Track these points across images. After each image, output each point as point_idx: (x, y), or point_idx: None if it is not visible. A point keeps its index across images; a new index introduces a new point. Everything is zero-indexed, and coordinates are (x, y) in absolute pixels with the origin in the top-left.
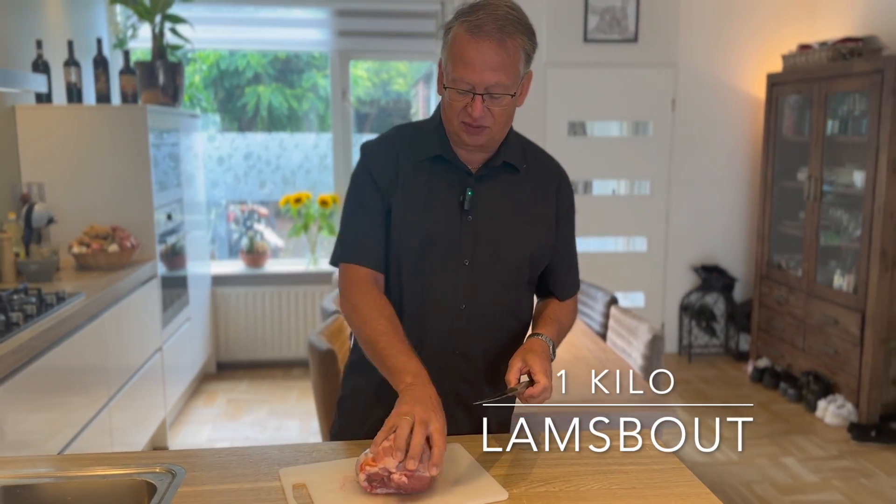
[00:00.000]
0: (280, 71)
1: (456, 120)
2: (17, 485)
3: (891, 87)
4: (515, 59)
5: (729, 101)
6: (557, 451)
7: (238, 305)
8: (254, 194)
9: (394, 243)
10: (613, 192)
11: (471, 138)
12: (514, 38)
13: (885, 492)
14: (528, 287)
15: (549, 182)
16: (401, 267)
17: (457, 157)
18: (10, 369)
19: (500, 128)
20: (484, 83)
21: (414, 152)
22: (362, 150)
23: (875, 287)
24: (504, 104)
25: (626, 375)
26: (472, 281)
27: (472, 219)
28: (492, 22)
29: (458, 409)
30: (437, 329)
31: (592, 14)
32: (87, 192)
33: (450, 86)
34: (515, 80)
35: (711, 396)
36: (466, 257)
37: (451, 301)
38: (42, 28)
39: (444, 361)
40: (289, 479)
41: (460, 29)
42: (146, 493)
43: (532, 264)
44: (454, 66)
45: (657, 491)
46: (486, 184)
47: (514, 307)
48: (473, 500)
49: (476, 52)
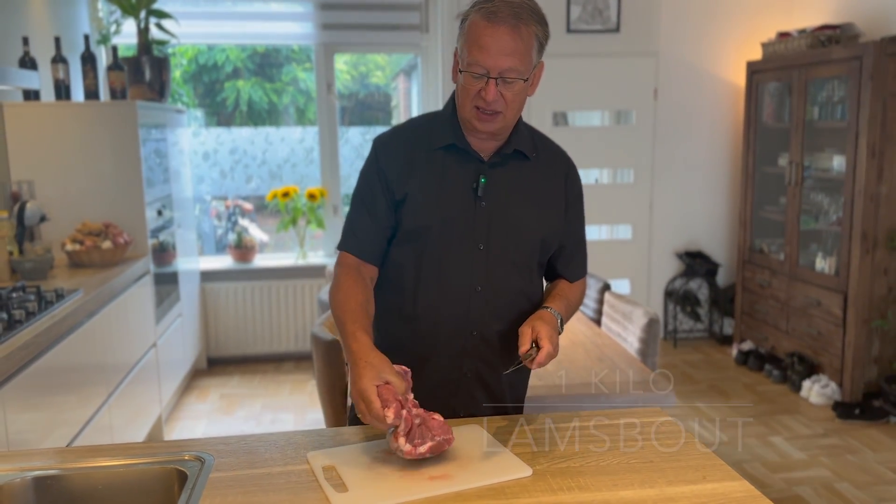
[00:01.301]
0: (259, 65)
1: (469, 104)
2: (48, 475)
3: (869, 73)
4: (529, 45)
5: (710, 89)
6: (574, 430)
7: (227, 301)
8: (240, 189)
9: (411, 227)
10: (597, 180)
11: (483, 125)
12: (529, 25)
13: (870, 466)
14: (538, 270)
15: (559, 169)
16: (418, 252)
17: (469, 145)
18: (15, 367)
19: (512, 114)
20: (498, 67)
21: (427, 141)
22: (374, 144)
23: (857, 268)
24: (516, 90)
25: (625, 361)
26: (486, 264)
27: (485, 205)
28: (507, 9)
29: (478, 389)
30: (454, 312)
31: (575, 4)
32: (77, 189)
33: (465, 70)
34: (528, 66)
35: (698, 380)
36: (481, 242)
37: (467, 284)
38: (27, 25)
39: (462, 343)
40: (317, 462)
41: (477, 16)
42: (176, 480)
43: (543, 248)
44: (470, 51)
45: (674, 464)
46: (498, 171)
47: (526, 289)
48: (498, 478)
49: (491, 37)
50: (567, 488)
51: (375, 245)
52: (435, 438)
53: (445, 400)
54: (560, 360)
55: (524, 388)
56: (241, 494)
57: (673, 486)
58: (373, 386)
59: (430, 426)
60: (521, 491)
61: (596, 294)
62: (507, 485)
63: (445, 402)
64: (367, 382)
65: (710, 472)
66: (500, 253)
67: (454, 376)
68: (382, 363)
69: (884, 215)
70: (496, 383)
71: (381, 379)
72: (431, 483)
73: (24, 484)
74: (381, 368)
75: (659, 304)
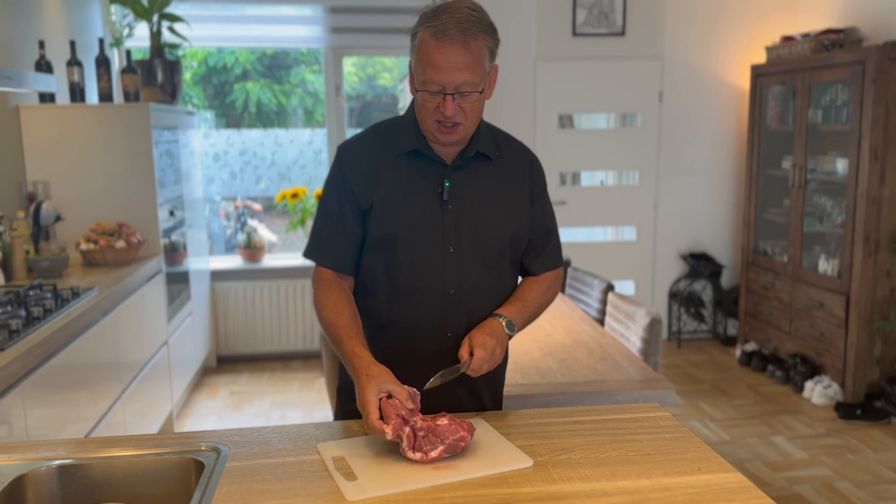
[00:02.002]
0: (268, 67)
1: (430, 119)
2: (71, 464)
3: (871, 77)
4: (480, 57)
5: (714, 92)
6: (576, 424)
7: (237, 300)
8: (250, 190)
9: (380, 235)
10: (602, 182)
11: (445, 137)
12: (477, 38)
13: (871, 466)
14: (511, 268)
15: (521, 166)
16: (389, 259)
17: (432, 150)
18: (34, 363)
19: (472, 122)
20: (453, 83)
21: (391, 148)
22: (338, 152)
23: (859, 270)
24: (473, 100)
25: (627, 360)
26: (458, 266)
27: (451, 208)
28: (454, 25)
29: (460, 387)
30: (429, 314)
31: (581, 8)
32: (91, 189)
33: (421, 88)
34: (482, 76)
35: (701, 380)
36: (451, 245)
37: (440, 287)
38: (43, 28)
39: (439, 345)
40: (327, 453)
41: (426, 34)
42: (194, 469)
43: (512, 245)
44: (424, 69)
45: (671, 456)
46: (462, 174)
47: (499, 288)
48: (501, 468)
49: (442, 55)
50: (567, 478)
51: (349, 257)
52: (445, 442)
53: (426, 400)
54: (564, 358)
55: (501, 385)
56: (256, 482)
57: (669, 476)
58: (374, 398)
59: (438, 432)
60: (523, 480)
61: (600, 294)
62: (510, 474)
63: (427, 402)
64: (369, 395)
65: (706, 465)
66: (471, 255)
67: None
68: (383, 374)
69: (886, 218)
70: (474, 382)
71: (384, 390)
72: (437, 472)
73: (49, 472)
74: (383, 379)
75: (663, 305)
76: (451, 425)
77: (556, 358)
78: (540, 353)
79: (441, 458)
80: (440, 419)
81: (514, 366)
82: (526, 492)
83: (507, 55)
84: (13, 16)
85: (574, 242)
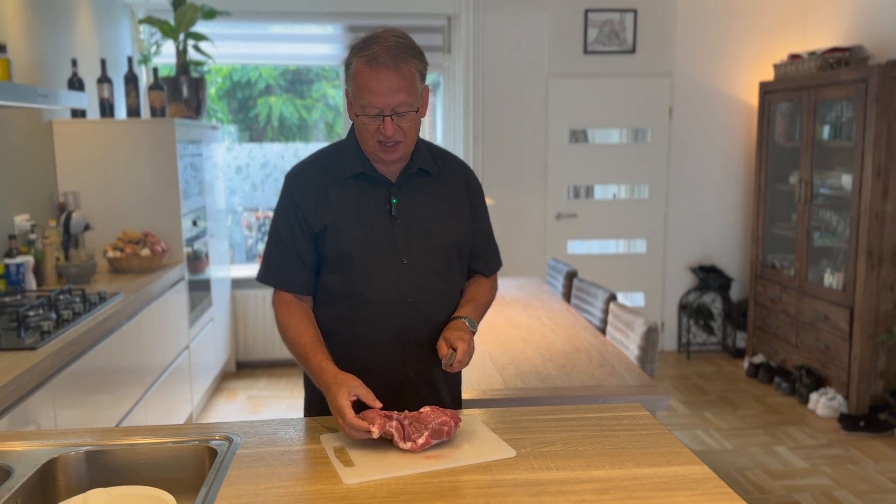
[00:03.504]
0: (290, 82)
1: (371, 140)
2: (98, 450)
3: (874, 95)
4: (412, 79)
5: (723, 108)
6: (560, 421)
7: (256, 307)
8: (270, 201)
9: (336, 254)
10: (614, 196)
11: (387, 155)
12: (407, 62)
13: (870, 476)
14: (459, 273)
15: (459, 179)
16: (347, 276)
17: (377, 171)
18: (64, 361)
19: (411, 140)
20: (390, 105)
21: (337, 172)
22: (286, 180)
23: (862, 284)
24: (410, 119)
25: (624, 367)
26: (412, 276)
27: (400, 222)
28: (384, 52)
29: (423, 386)
30: (390, 323)
31: (592, 27)
32: (118, 200)
33: (361, 113)
34: (416, 96)
35: (708, 391)
36: (404, 257)
37: (397, 297)
38: (76, 47)
39: (402, 350)
40: (329, 443)
41: (359, 63)
42: (208, 456)
43: (458, 252)
44: (361, 95)
45: (644, 450)
46: (406, 190)
47: (450, 292)
48: (487, 457)
49: (377, 80)
50: (545, 468)
51: (306, 279)
52: (429, 427)
53: (392, 399)
54: (563, 364)
55: (458, 383)
56: (264, 467)
57: (640, 468)
58: (346, 401)
59: (422, 419)
60: (506, 469)
61: (602, 304)
62: (494, 463)
63: (393, 400)
64: (341, 399)
65: (675, 458)
66: (422, 264)
67: (399, 379)
68: (350, 380)
69: (889, 232)
70: (435, 381)
71: (352, 393)
72: (427, 461)
73: (78, 456)
74: (351, 385)
75: (673, 317)
76: (432, 412)
77: (557, 364)
78: (541, 360)
79: (429, 443)
80: (423, 409)
81: (515, 370)
82: (507, 478)
83: (519, 71)
84: (48, 36)
85: (586, 255)
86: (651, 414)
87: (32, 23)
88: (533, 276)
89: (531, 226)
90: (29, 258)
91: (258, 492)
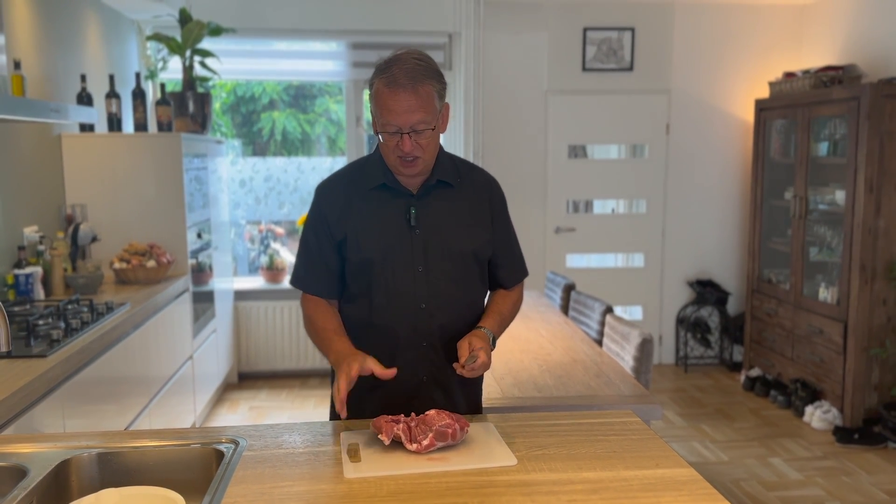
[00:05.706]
0: (294, 97)
1: (392, 156)
2: (108, 452)
3: (866, 113)
4: (429, 99)
5: (720, 125)
6: (554, 426)
7: (258, 319)
8: (273, 214)
9: (358, 259)
10: (613, 210)
11: (407, 170)
12: (424, 84)
13: (864, 488)
14: (479, 281)
15: (483, 191)
16: (367, 281)
17: (398, 182)
18: (72, 369)
19: (430, 155)
20: (408, 123)
21: (362, 183)
22: (315, 191)
23: (856, 298)
24: (428, 136)
25: (619, 377)
26: (427, 284)
27: (419, 232)
28: (403, 74)
29: (436, 391)
30: (405, 327)
31: (590, 45)
32: (125, 212)
33: (381, 130)
34: (434, 115)
35: (705, 404)
36: (420, 265)
37: (412, 303)
38: (85, 63)
39: (415, 353)
40: (346, 439)
41: (380, 84)
42: (215, 458)
43: (476, 260)
44: (381, 114)
45: (634, 454)
46: (426, 201)
47: (467, 300)
48: (487, 463)
49: (395, 101)
50: (539, 470)
51: (332, 284)
52: (433, 429)
53: (406, 401)
54: (560, 375)
55: (477, 390)
56: (269, 468)
57: (629, 470)
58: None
59: (427, 421)
60: (501, 470)
61: (599, 316)
62: (491, 467)
63: (407, 403)
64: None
65: (663, 461)
66: (438, 272)
67: (413, 382)
68: (365, 357)
69: (882, 247)
70: (450, 386)
71: (365, 369)
72: (429, 462)
73: (91, 458)
74: (363, 360)
75: (671, 330)
76: (437, 415)
77: (553, 374)
78: (538, 370)
79: (433, 445)
80: (429, 412)
81: (512, 380)
82: (501, 479)
83: (519, 88)
84: (59, 52)
85: (585, 268)
86: (642, 420)
87: (43, 39)
88: (532, 288)
89: (531, 240)
90: (37, 269)
91: (263, 490)
